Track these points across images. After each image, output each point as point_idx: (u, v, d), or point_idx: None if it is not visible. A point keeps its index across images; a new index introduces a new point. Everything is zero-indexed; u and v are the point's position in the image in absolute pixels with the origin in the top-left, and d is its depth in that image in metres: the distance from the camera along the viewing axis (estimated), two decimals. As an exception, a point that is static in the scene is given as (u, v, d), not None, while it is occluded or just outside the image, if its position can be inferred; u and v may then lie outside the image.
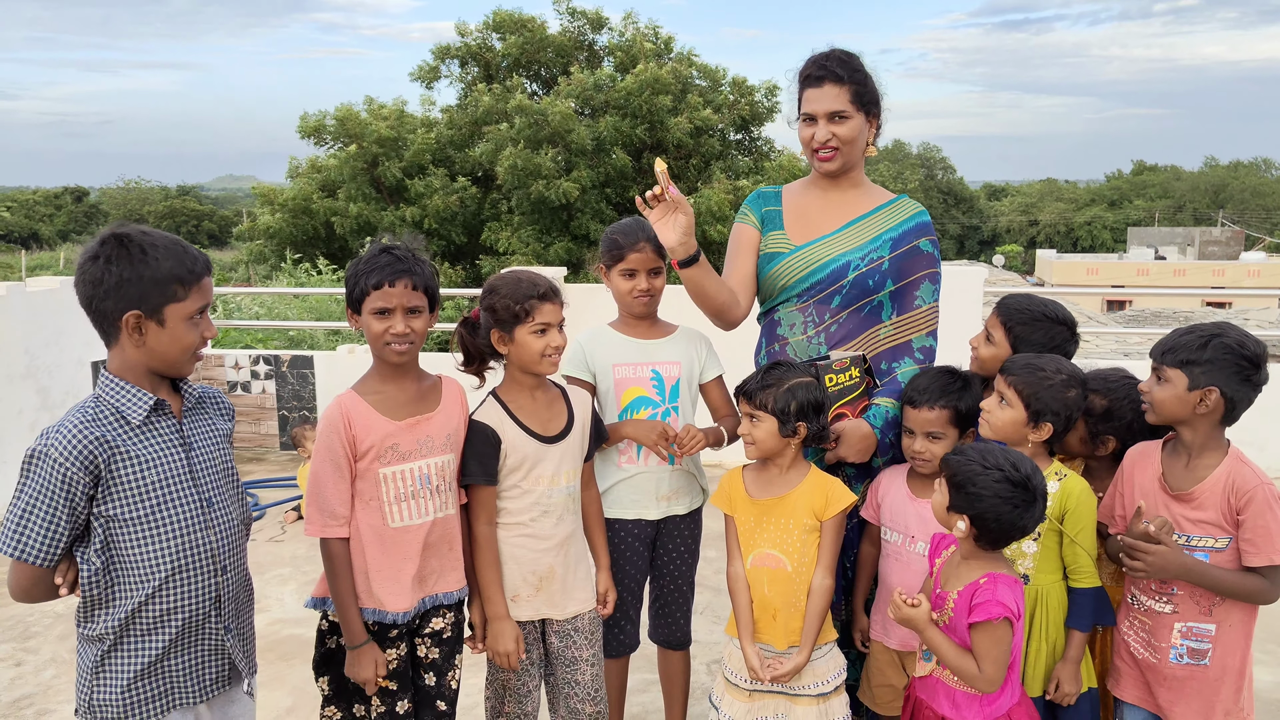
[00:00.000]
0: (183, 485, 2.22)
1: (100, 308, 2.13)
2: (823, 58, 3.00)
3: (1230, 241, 46.25)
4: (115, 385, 2.17)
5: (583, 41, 25.43)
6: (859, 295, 3.04)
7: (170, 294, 2.15)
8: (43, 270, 40.01)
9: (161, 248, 2.15)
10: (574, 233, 22.09)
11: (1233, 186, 68.52)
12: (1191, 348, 2.48)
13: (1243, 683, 2.59)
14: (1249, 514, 2.45)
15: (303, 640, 4.49)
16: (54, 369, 6.57)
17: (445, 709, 2.72)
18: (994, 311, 2.99)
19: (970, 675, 2.42)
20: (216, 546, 2.27)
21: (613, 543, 3.10)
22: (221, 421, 2.39)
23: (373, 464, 2.55)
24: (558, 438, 2.81)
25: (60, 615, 4.80)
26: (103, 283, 2.11)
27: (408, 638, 2.66)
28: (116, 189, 71.36)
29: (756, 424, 2.76)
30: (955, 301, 7.02)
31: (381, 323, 2.53)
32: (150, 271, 2.12)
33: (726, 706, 2.86)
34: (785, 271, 3.08)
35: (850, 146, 3.01)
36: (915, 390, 2.86)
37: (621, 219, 3.23)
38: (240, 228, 25.60)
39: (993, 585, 2.39)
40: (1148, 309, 26.67)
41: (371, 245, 2.62)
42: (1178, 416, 2.52)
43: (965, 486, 2.41)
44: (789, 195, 3.21)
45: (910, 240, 3.08)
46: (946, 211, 69.68)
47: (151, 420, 2.19)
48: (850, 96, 2.96)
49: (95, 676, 2.20)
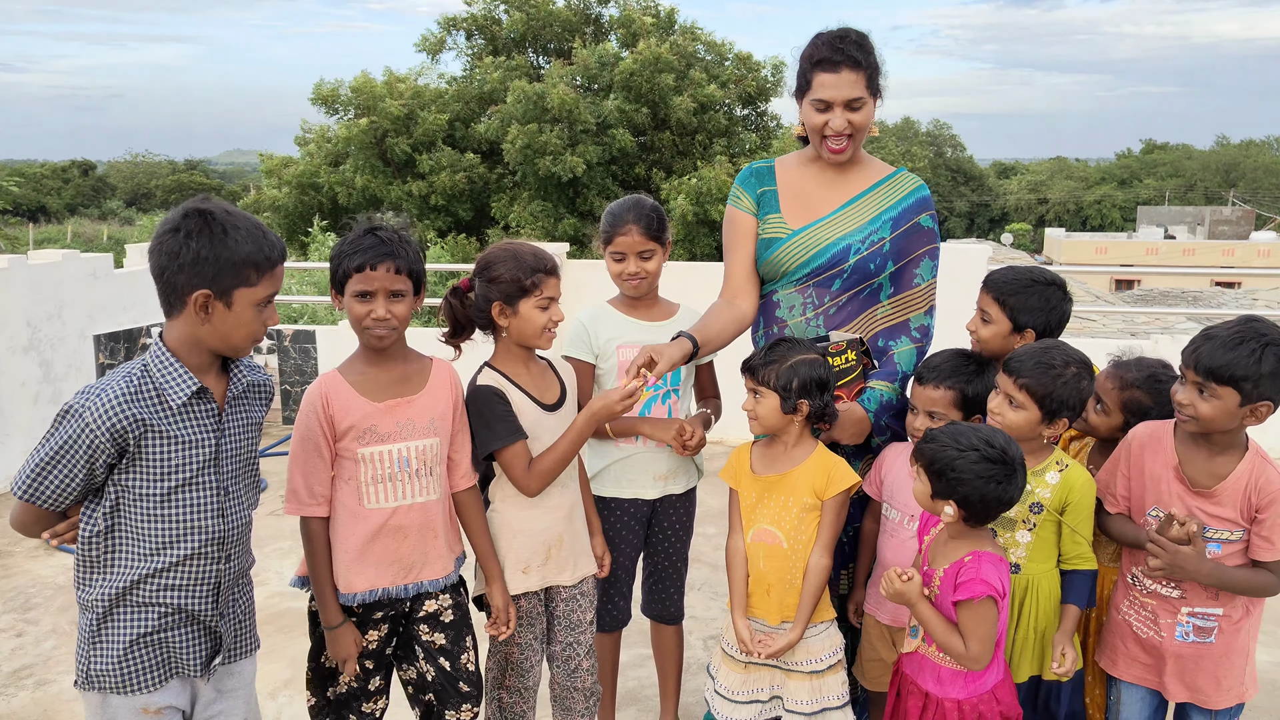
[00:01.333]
0: (205, 472, 2.20)
1: (172, 280, 2.11)
2: (838, 40, 2.88)
3: (1240, 221, 45.99)
4: (165, 360, 2.15)
5: (589, 15, 25.29)
6: (860, 279, 3.00)
7: (244, 278, 2.13)
8: (50, 244, 40.04)
9: (243, 230, 2.12)
10: (580, 209, 22.08)
11: (1244, 165, 67.99)
12: (1246, 364, 2.35)
13: (1245, 660, 2.59)
14: (1269, 514, 2.44)
15: (301, 614, 4.48)
16: (57, 342, 6.58)
17: (469, 689, 2.71)
18: (982, 290, 2.95)
19: (957, 652, 2.42)
20: (226, 535, 2.27)
21: (608, 521, 3.11)
22: (258, 410, 2.37)
23: (352, 444, 2.53)
24: (555, 406, 2.82)
25: (61, 587, 4.82)
26: (179, 256, 2.08)
27: (393, 621, 2.66)
28: (124, 163, 71.29)
29: (759, 400, 2.74)
30: (959, 281, 6.98)
31: (363, 306, 2.49)
32: (229, 253, 2.09)
33: (722, 677, 2.88)
34: (784, 257, 3.03)
35: (862, 134, 2.95)
36: (927, 367, 2.84)
37: (624, 196, 3.20)
38: (246, 200, 25.60)
39: (977, 563, 2.39)
40: (1156, 288, 26.55)
41: (357, 225, 2.58)
42: (1224, 429, 2.46)
43: (945, 473, 2.40)
44: (784, 172, 3.13)
45: (910, 218, 3.02)
46: (955, 189, 69.31)
47: (190, 404, 2.17)
48: (866, 82, 2.88)
49: (91, 645, 2.21)
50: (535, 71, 24.18)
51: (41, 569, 5.06)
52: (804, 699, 2.78)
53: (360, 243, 2.50)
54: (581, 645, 2.93)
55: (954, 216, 67.26)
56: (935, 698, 2.53)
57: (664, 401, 3.09)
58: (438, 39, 25.44)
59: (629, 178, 22.90)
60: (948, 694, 2.51)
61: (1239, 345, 2.36)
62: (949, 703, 2.51)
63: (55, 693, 3.86)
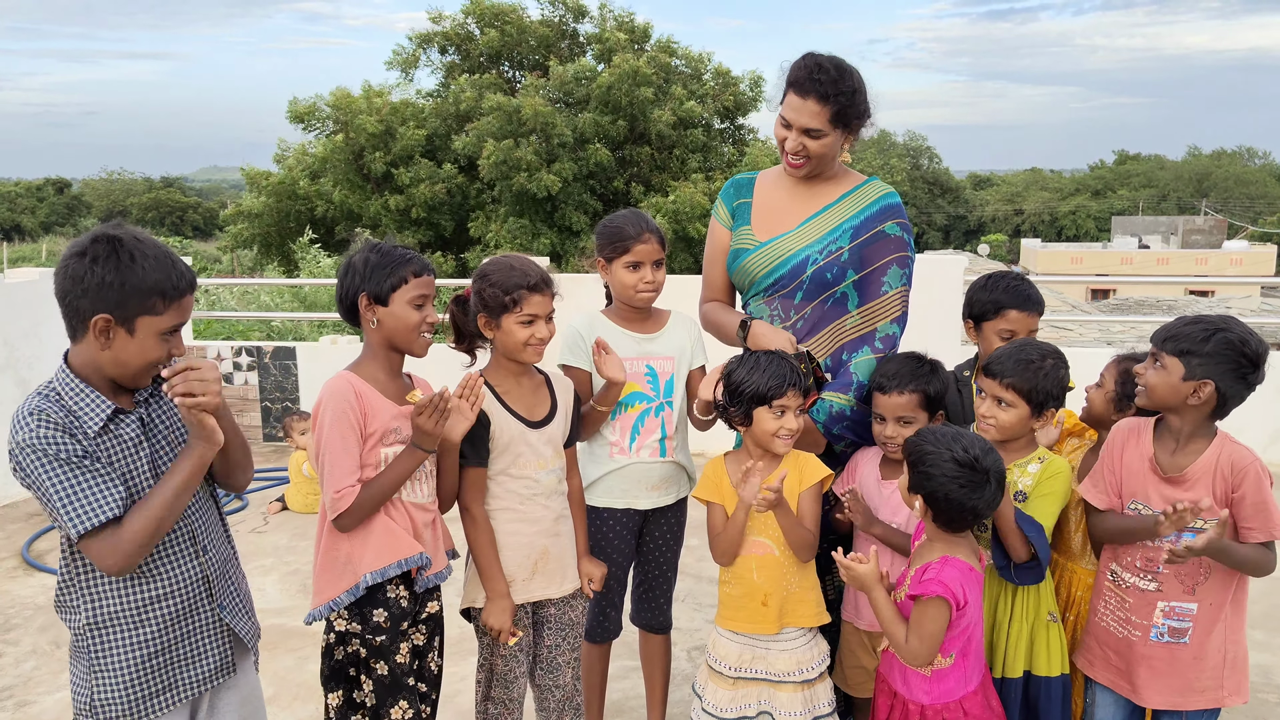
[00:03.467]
0: (143, 478, 2.17)
1: (75, 304, 2.09)
2: (816, 68, 2.90)
3: (1213, 230, 46.44)
4: (73, 386, 2.12)
5: (564, 30, 25.36)
6: (819, 289, 3.04)
7: (149, 306, 2.10)
8: (24, 262, 39.67)
9: (151, 258, 2.10)
10: (558, 224, 22.09)
11: (1216, 175, 68.75)
12: (1194, 339, 2.45)
13: (1223, 660, 2.59)
14: (1247, 489, 2.47)
15: (285, 630, 4.50)
16: (34, 361, 6.54)
17: (425, 690, 2.73)
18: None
19: (896, 641, 2.47)
20: (194, 527, 2.26)
21: (600, 530, 3.12)
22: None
23: (376, 445, 2.56)
24: (542, 423, 2.83)
25: (41, 607, 4.79)
26: (83, 281, 2.06)
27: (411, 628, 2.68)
28: (99, 180, 70.85)
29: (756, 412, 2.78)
30: (935, 291, 7.07)
31: (419, 313, 2.59)
32: (134, 280, 2.07)
33: (710, 694, 2.88)
34: (750, 268, 3.11)
35: (819, 160, 3.00)
36: (884, 376, 2.87)
37: (618, 210, 3.23)
38: (226, 212, 25.54)
39: (940, 566, 2.44)
40: (1131, 297, 26.78)
41: (367, 240, 2.63)
42: (1168, 403, 2.52)
43: (918, 465, 2.46)
44: (761, 185, 3.21)
45: (874, 225, 3.03)
46: (932, 201, 69.76)
47: (108, 426, 2.13)
48: (830, 116, 2.91)
49: (92, 675, 2.17)
50: (510, 86, 24.23)
51: (20, 589, 5.03)
52: (796, 710, 2.80)
53: (399, 254, 2.60)
54: (564, 651, 2.95)
55: (931, 229, 67.65)
56: (902, 698, 2.57)
57: (657, 414, 3.11)
58: (411, 55, 25.43)
59: (607, 192, 22.95)
60: (913, 697, 2.54)
61: (1195, 324, 2.49)
62: (912, 705, 2.54)
63: (35, 714, 3.83)
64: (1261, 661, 4.22)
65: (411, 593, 2.63)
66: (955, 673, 2.50)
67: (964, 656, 2.50)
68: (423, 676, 2.73)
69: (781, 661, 2.81)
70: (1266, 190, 67.00)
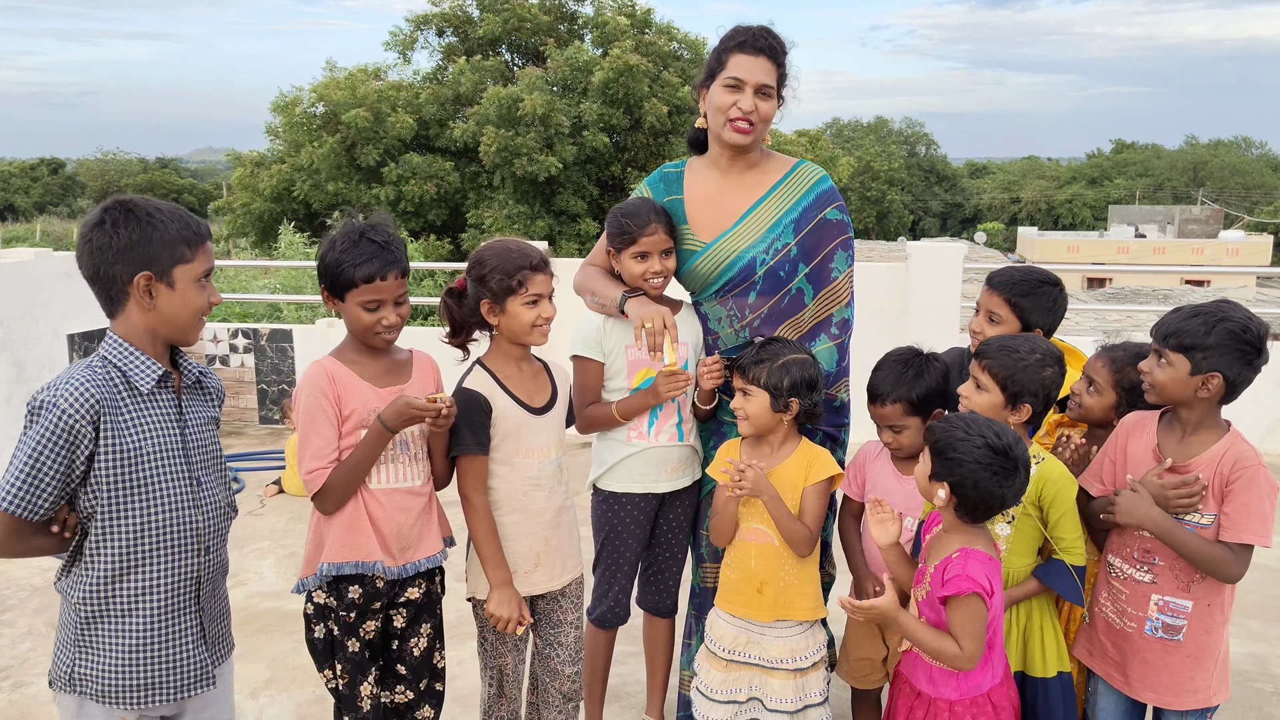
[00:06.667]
0: (176, 461, 2.20)
1: (109, 273, 2.11)
2: (761, 29, 3.01)
3: (1210, 220, 46.51)
4: (124, 349, 2.15)
5: (564, 13, 25.22)
6: (773, 286, 3.04)
7: (179, 255, 2.15)
8: (19, 242, 39.59)
9: (166, 212, 2.16)
10: (556, 209, 22.03)
11: (1212, 165, 68.72)
12: (1196, 334, 2.45)
13: (1214, 663, 2.60)
14: (1236, 487, 2.46)
15: (281, 613, 4.50)
16: (29, 341, 6.51)
17: (405, 674, 2.71)
18: (990, 290, 2.98)
19: (951, 655, 2.39)
20: (203, 527, 2.26)
21: (618, 515, 3.14)
22: (211, 407, 2.37)
23: (355, 429, 2.55)
24: (544, 409, 2.82)
25: (37, 588, 4.78)
26: (111, 247, 2.10)
27: (386, 609, 2.66)
28: (94, 161, 70.41)
29: (749, 399, 2.77)
30: (936, 280, 7.07)
31: (372, 315, 2.54)
32: (158, 233, 2.12)
33: (704, 674, 2.90)
34: (699, 271, 3.10)
35: (764, 125, 3.02)
36: (872, 384, 2.88)
37: (619, 199, 3.20)
38: (218, 202, 25.42)
39: (963, 560, 2.38)
40: (1127, 286, 26.78)
41: (345, 224, 2.58)
42: (1178, 399, 2.52)
43: (946, 452, 2.40)
44: (690, 179, 3.18)
45: (813, 215, 3.05)
46: (929, 189, 69.70)
47: (155, 391, 2.18)
48: (777, 77, 2.99)
49: (77, 647, 2.18)
50: (509, 71, 24.10)
51: (16, 570, 5.01)
52: (787, 697, 2.80)
53: (362, 250, 2.51)
54: (563, 647, 2.93)
55: (928, 216, 67.62)
56: (927, 697, 2.52)
57: (674, 399, 3.09)
58: (409, 36, 25.27)
59: (604, 177, 22.89)
60: (940, 694, 2.50)
61: (1194, 317, 2.48)
62: (941, 703, 2.49)
63: (32, 695, 3.82)
64: (1258, 651, 4.24)
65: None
66: (983, 666, 2.46)
67: (991, 649, 2.46)
68: (404, 660, 2.70)
69: (775, 648, 2.81)
70: (1263, 180, 67.01)
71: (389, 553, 2.59)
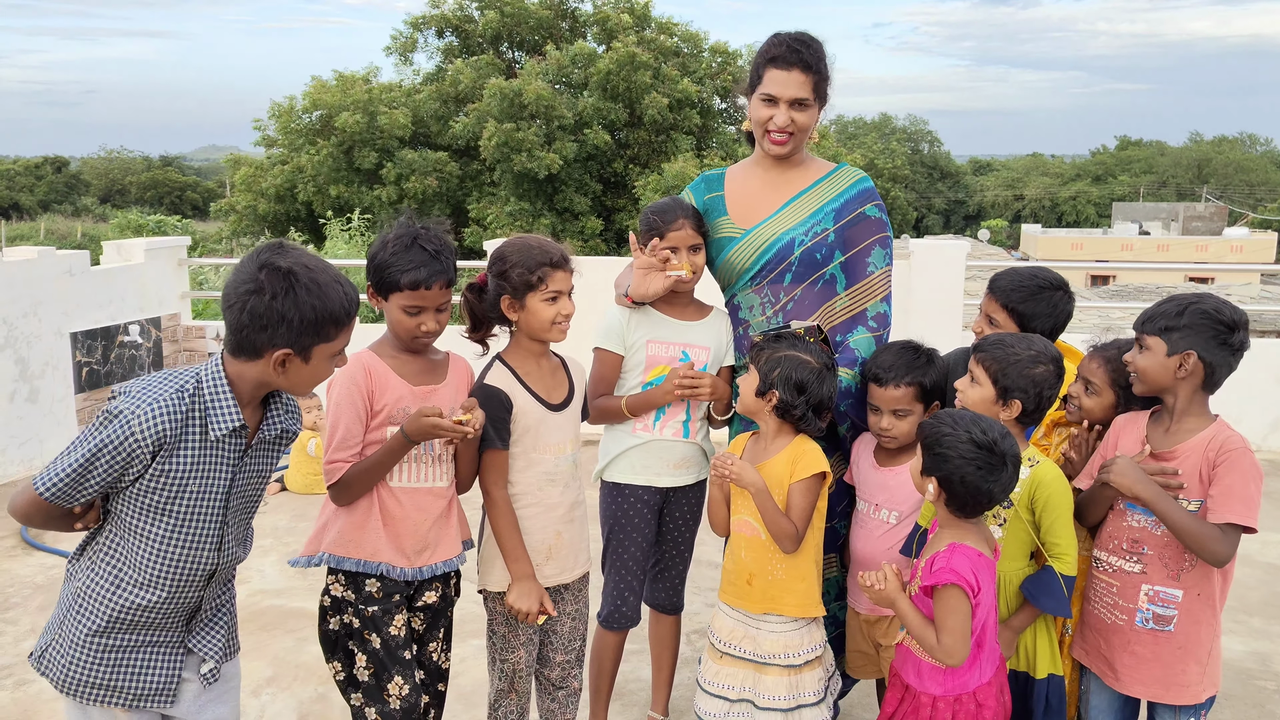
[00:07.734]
0: (214, 505, 2.17)
1: (252, 338, 2.08)
2: (794, 40, 3.02)
3: (1214, 217, 46.39)
4: (219, 390, 2.11)
5: (564, 10, 25.21)
6: (808, 270, 3.07)
7: (324, 334, 2.12)
8: (23, 240, 39.69)
9: (322, 285, 2.09)
10: (558, 206, 22.02)
11: (1217, 162, 68.65)
12: (1169, 315, 2.53)
13: (1205, 656, 2.60)
14: (1221, 470, 2.48)
15: (283, 611, 4.50)
16: (33, 339, 6.52)
17: (423, 679, 2.73)
18: (989, 296, 3.01)
19: (930, 645, 2.44)
20: (217, 569, 2.26)
21: (621, 508, 3.15)
22: (278, 455, 2.34)
23: (384, 424, 2.57)
24: (561, 405, 2.84)
25: (40, 586, 4.79)
26: (263, 318, 2.06)
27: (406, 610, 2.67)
28: (98, 159, 70.50)
29: (746, 375, 2.82)
30: (938, 277, 7.07)
31: (414, 320, 2.56)
32: (312, 314, 2.08)
33: (704, 666, 2.94)
34: (736, 257, 3.12)
35: (803, 134, 3.05)
36: (880, 368, 2.87)
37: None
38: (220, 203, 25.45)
39: (949, 554, 2.43)
40: (1131, 284, 26.78)
41: (400, 225, 2.59)
42: (1161, 383, 2.56)
43: (933, 447, 2.45)
44: (732, 179, 3.25)
45: (854, 208, 3.10)
46: (932, 186, 69.64)
47: (224, 438, 2.14)
48: (813, 86, 3.01)
49: (60, 629, 2.20)
50: (510, 67, 24.11)
51: (20, 568, 5.03)
52: (781, 694, 2.80)
53: (412, 256, 2.52)
54: (557, 635, 2.96)
55: (931, 214, 67.54)
56: (914, 690, 2.55)
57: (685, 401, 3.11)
58: (409, 39, 25.28)
59: (606, 173, 22.89)
60: (925, 688, 2.52)
61: (1169, 302, 2.56)
62: (924, 697, 2.52)
63: (35, 692, 3.84)
64: (1260, 649, 4.23)
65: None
66: (971, 664, 2.48)
67: (979, 647, 2.47)
68: (423, 664, 2.72)
69: (769, 643, 2.81)
70: (1267, 177, 66.95)
71: (401, 553, 2.59)
